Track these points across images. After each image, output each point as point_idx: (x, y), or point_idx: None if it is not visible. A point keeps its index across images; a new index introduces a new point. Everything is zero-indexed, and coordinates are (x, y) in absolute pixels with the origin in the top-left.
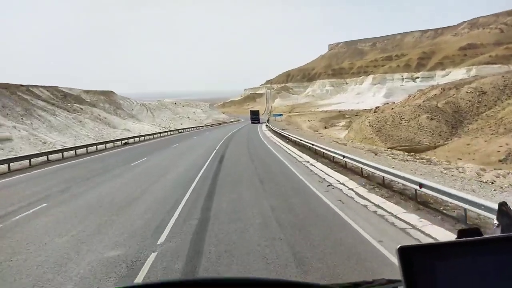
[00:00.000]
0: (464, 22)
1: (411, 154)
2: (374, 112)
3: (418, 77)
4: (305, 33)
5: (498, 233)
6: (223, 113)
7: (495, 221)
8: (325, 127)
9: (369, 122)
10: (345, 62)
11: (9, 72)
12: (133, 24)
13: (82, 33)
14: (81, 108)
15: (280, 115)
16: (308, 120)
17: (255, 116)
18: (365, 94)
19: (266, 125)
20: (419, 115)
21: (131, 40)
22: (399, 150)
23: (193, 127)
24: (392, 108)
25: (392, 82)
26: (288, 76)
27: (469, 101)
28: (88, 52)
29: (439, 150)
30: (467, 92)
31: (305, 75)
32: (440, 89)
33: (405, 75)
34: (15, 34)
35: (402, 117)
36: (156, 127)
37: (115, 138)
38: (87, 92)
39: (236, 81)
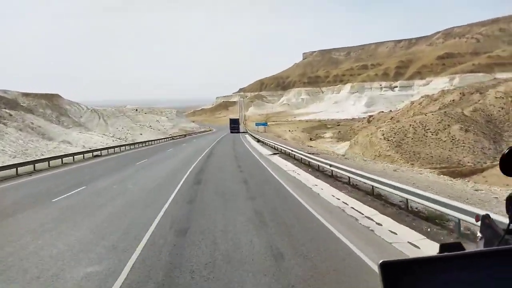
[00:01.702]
0: (439, 32)
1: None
2: (368, 122)
3: (397, 86)
4: (279, 42)
5: (481, 246)
6: (193, 121)
7: (479, 234)
8: (311, 139)
9: (383, 135)
10: (320, 70)
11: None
12: (100, 31)
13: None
14: (10, 115)
15: (265, 124)
16: (290, 131)
17: (234, 125)
18: (344, 103)
19: (259, 141)
20: (448, 125)
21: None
22: (434, 172)
23: (145, 142)
24: (391, 118)
25: (371, 91)
26: (262, 84)
27: (502, 108)
28: (81, 57)
29: (489, 174)
30: (496, 98)
31: (280, 84)
32: (458, 94)
33: (384, 84)
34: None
35: (427, 127)
36: (108, 138)
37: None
38: (26, 95)
39: (207, 89)
